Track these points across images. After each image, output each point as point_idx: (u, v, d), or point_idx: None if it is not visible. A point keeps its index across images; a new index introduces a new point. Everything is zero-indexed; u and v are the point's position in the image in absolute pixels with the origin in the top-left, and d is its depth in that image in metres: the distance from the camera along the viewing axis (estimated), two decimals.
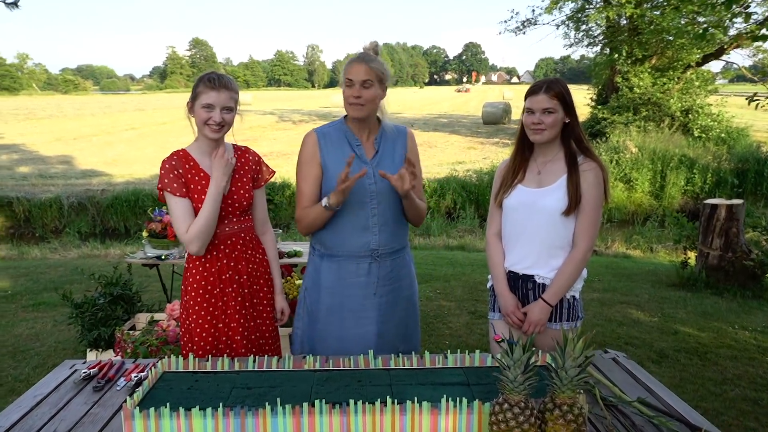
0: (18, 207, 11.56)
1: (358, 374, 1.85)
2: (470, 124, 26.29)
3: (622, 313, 4.96)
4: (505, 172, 2.29)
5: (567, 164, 2.15)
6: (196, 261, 2.23)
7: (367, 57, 2.15)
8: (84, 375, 1.93)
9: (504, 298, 2.26)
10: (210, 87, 2.12)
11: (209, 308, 2.22)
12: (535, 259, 2.20)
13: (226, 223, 2.24)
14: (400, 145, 2.30)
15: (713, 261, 5.74)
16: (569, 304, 2.23)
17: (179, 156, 2.20)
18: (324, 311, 2.29)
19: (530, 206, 2.17)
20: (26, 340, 4.22)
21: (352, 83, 2.13)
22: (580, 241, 2.16)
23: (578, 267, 2.17)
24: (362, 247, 2.22)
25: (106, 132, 23.91)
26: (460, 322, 4.68)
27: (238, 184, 2.27)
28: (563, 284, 2.17)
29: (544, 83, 2.14)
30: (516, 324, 2.24)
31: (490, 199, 2.36)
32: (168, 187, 2.14)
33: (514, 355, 1.46)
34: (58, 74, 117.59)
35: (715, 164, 13.51)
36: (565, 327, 2.22)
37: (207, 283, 2.22)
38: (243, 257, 2.29)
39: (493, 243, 2.34)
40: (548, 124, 2.11)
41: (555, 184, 2.16)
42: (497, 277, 2.29)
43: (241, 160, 2.33)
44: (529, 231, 2.19)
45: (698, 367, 3.85)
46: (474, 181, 12.75)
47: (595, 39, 19.02)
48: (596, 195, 2.13)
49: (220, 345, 2.23)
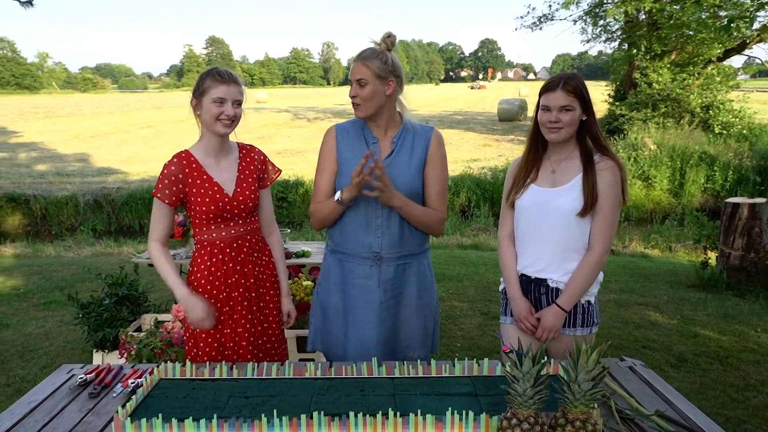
0: (35, 205, 11.66)
1: (361, 383, 1.77)
2: (486, 121, 26.09)
3: (639, 315, 4.83)
4: (517, 171, 2.19)
5: (582, 162, 2.05)
6: (201, 264, 2.17)
7: (364, 54, 2.08)
8: (80, 381, 1.88)
9: (516, 302, 2.16)
10: (220, 81, 2.07)
11: (215, 313, 2.16)
12: (548, 262, 2.10)
13: (231, 225, 2.18)
14: (420, 146, 2.17)
15: (735, 261, 5.58)
16: (584, 309, 2.13)
17: (181, 159, 2.14)
18: (333, 308, 2.23)
19: (543, 206, 2.08)
20: (36, 339, 4.21)
21: (351, 83, 2.10)
22: (596, 244, 2.06)
23: (594, 271, 2.07)
24: (365, 247, 2.14)
25: (122, 130, 24.12)
26: (472, 324, 4.59)
27: (243, 185, 2.20)
28: (578, 289, 2.07)
29: (560, 79, 2.03)
30: (529, 330, 2.14)
31: (502, 199, 2.26)
32: (159, 193, 2.10)
33: (523, 367, 1.38)
34: (78, 73, 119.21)
35: (737, 161, 13.18)
36: (579, 333, 2.13)
37: (213, 287, 2.16)
38: (249, 260, 2.22)
39: (505, 245, 2.25)
40: (565, 123, 2.01)
41: (570, 184, 2.06)
42: (509, 281, 2.20)
43: (246, 159, 2.26)
44: (542, 232, 2.09)
45: (719, 372, 3.72)
46: (489, 179, 12.59)
47: (613, 34, 18.73)
48: (613, 195, 2.02)
49: (227, 351, 2.17)
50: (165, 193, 2.09)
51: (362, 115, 2.11)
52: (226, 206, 2.14)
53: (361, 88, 2.06)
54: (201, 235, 2.18)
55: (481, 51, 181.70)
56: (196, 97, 2.10)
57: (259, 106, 38.06)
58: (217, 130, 2.11)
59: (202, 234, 2.17)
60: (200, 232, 2.17)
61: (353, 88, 2.08)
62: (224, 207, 2.14)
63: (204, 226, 2.16)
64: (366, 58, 2.06)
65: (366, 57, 2.06)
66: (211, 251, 2.16)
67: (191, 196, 2.12)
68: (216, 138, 2.15)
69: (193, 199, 2.12)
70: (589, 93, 2.05)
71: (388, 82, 2.08)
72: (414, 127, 2.20)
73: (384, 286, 2.16)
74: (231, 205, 2.15)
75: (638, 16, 16.92)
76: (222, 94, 2.06)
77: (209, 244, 2.16)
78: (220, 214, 2.14)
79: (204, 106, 2.09)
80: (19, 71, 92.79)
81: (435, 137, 2.20)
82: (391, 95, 2.11)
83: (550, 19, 19.08)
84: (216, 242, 2.16)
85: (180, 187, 2.11)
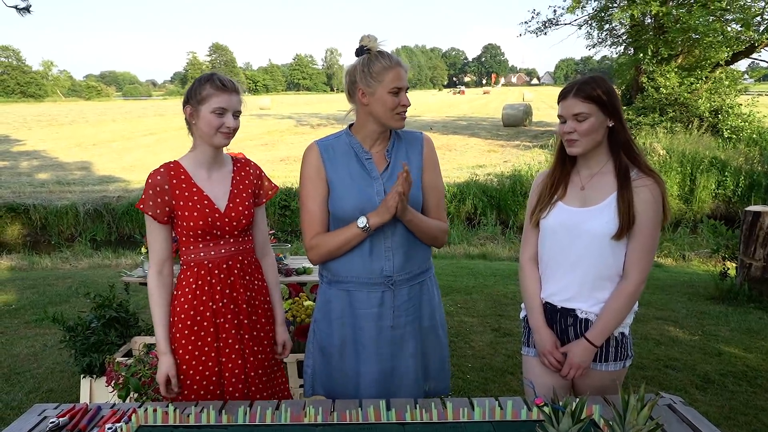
0: (35, 214, 11.49)
1: (367, 430, 1.55)
2: (490, 126, 25.85)
3: (658, 331, 4.59)
4: (542, 186, 1.96)
5: (617, 178, 1.81)
6: (186, 287, 1.95)
7: (402, 61, 1.90)
8: (51, 426, 1.66)
9: (540, 335, 1.93)
10: (221, 90, 1.88)
11: (198, 343, 1.95)
12: (578, 291, 1.87)
13: (222, 244, 1.97)
14: (415, 154, 1.99)
15: (756, 273, 5.33)
16: (617, 341, 1.90)
17: (168, 169, 1.94)
18: (336, 346, 1.99)
19: (573, 229, 1.84)
20: (24, 360, 4.00)
21: (399, 90, 1.86)
22: (631, 272, 1.82)
23: (629, 302, 1.83)
24: (374, 274, 1.91)
25: (125, 138, 23.98)
26: (483, 341, 4.36)
27: (237, 200, 1.99)
28: (611, 322, 1.83)
29: (574, 85, 1.81)
30: (554, 367, 1.91)
31: (525, 217, 2.03)
32: (149, 210, 1.90)
33: (561, 425, 1.16)
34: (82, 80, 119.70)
35: (748, 167, 12.94)
36: (612, 369, 1.90)
37: (197, 313, 1.95)
38: (241, 283, 2.01)
39: (528, 269, 2.01)
40: (582, 133, 1.78)
41: (603, 203, 1.82)
42: (533, 310, 1.96)
43: (241, 173, 2.06)
44: (571, 257, 1.86)
45: (748, 394, 3.48)
46: (495, 185, 12.37)
47: (619, 38, 18.53)
48: (653, 217, 1.78)
49: (212, 386, 1.95)
50: (149, 205, 1.89)
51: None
52: (216, 222, 1.93)
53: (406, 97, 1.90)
54: (188, 254, 1.96)
55: (485, 56, 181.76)
56: (193, 106, 1.90)
57: (263, 112, 37.92)
58: (217, 142, 1.92)
59: (189, 253, 1.96)
60: (187, 251, 1.96)
61: (405, 97, 1.89)
62: (214, 223, 1.93)
63: (191, 244, 1.95)
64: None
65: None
66: (197, 272, 1.95)
67: (178, 209, 1.91)
68: (211, 149, 1.96)
69: (180, 213, 1.91)
70: (614, 95, 1.81)
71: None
72: (403, 135, 2.00)
73: (398, 311, 1.95)
74: (222, 221, 1.94)
75: (644, 20, 16.72)
76: (224, 104, 1.87)
77: (196, 265, 1.95)
78: (210, 231, 1.93)
79: (202, 116, 1.88)
80: (24, 79, 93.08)
81: (426, 141, 2.03)
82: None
83: (554, 23, 18.93)
84: (203, 262, 1.95)
85: (166, 199, 1.90)
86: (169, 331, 1.96)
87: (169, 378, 1.93)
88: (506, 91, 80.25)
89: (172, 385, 1.94)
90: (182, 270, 1.99)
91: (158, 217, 1.90)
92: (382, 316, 1.94)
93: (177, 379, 1.95)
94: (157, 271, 1.96)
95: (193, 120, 1.91)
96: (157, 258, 1.95)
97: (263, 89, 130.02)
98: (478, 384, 3.63)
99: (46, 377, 3.69)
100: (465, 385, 3.61)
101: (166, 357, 1.93)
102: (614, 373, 1.91)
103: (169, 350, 1.94)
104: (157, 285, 1.95)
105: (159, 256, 1.95)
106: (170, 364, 1.93)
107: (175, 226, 1.96)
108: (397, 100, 1.86)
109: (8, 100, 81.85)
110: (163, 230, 1.94)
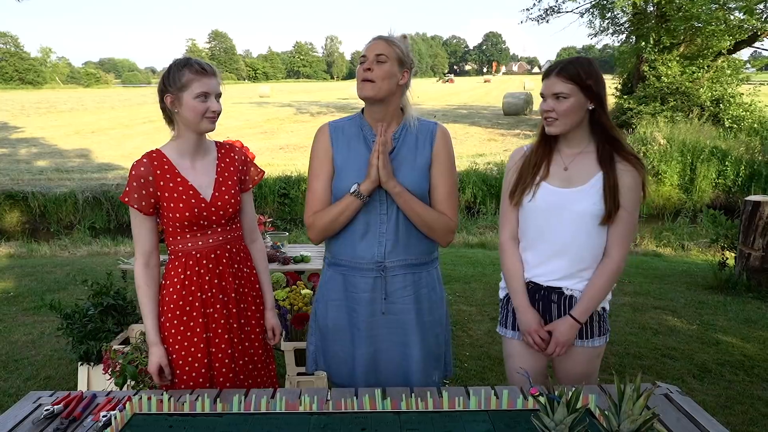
0: (33, 202, 11.46)
1: (363, 419, 1.55)
2: (491, 115, 25.77)
3: (656, 320, 4.59)
4: (524, 165, 1.95)
5: (599, 161, 1.84)
6: (174, 278, 1.94)
7: (387, 36, 1.88)
8: (46, 413, 1.66)
9: (525, 314, 1.95)
10: (201, 74, 1.85)
11: (188, 333, 1.94)
12: (567, 271, 1.90)
13: (209, 233, 1.96)
14: (425, 144, 1.93)
15: (755, 262, 5.33)
16: (599, 316, 1.95)
17: (151, 159, 1.91)
18: (331, 327, 2.00)
19: (559, 209, 1.86)
20: (22, 347, 4.00)
21: (365, 59, 1.85)
22: (613, 251, 1.87)
23: (612, 279, 1.89)
24: (367, 258, 1.91)
25: (124, 125, 23.89)
26: (481, 330, 4.36)
27: (222, 188, 1.97)
28: (595, 299, 1.88)
29: (559, 64, 1.82)
30: (539, 345, 1.94)
31: (502, 197, 2.02)
32: (134, 203, 1.87)
33: (556, 415, 1.15)
34: (81, 67, 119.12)
35: (749, 156, 12.90)
36: (596, 344, 1.96)
37: (185, 303, 1.94)
38: (229, 272, 2.00)
39: (508, 249, 2.01)
40: (560, 113, 1.79)
41: (587, 185, 1.85)
42: (516, 290, 1.97)
43: (226, 159, 2.03)
44: (557, 237, 1.88)
45: (745, 384, 3.48)
46: (495, 175, 12.35)
47: (621, 27, 18.40)
48: (634, 199, 1.84)
49: (201, 378, 1.95)
50: (134, 197, 1.87)
51: (371, 94, 1.84)
52: (202, 212, 1.92)
53: (379, 65, 1.83)
54: (175, 245, 1.95)
55: (486, 44, 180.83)
56: (173, 93, 1.86)
57: (262, 100, 37.72)
58: (204, 128, 1.90)
59: (176, 244, 1.95)
60: (174, 241, 1.95)
61: (368, 63, 1.84)
62: (201, 213, 1.91)
63: (178, 234, 1.93)
64: (390, 38, 1.87)
65: (390, 37, 1.87)
66: (185, 263, 1.94)
67: (163, 201, 1.89)
68: (195, 136, 1.93)
69: (165, 204, 1.89)
70: (599, 78, 1.81)
71: (404, 71, 1.89)
72: (415, 122, 1.96)
73: (391, 298, 1.93)
74: (208, 211, 1.93)
75: (646, 8, 16.59)
76: (206, 88, 1.85)
77: (184, 255, 1.94)
78: (197, 222, 1.92)
79: (185, 103, 1.85)
80: (22, 66, 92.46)
81: (440, 132, 1.96)
82: (401, 86, 1.91)
83: (556, 11, 18.77)
84: (191, 253, 1.94)
85: (151, 190, 1.88)
86: (158, 322, 1.96)
87: (161, 368, 1.93)
88: (507, 79, 79.90)
89: (165, 374, 1.94)
90: (170, 260, 1.98)
91: (143, 209, 1.88)
92: (374, 301, 1.94)
93: (170, 368, 1.95)
94: (144, 263, 1.94)
95: (176, 108, 1.88)
96: (143, 250, 1.94)
97: (263, 77, 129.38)
98: (475, 372, 3.64)
99: (44, 364, 3.69)
100: (463, 373, 3.62)
101: (156, 348, 1.93)
102: (598, 348, 1.97)
103: (159, 341, 1.93)
104: (144, 277, 1.94)
105: (145, 247, 1.94)
106: (161, 354, 1.93)
107: (161, 217, 1.95)
108: None
109: (6, 87, 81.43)
110: (148, 222, 1.92)
